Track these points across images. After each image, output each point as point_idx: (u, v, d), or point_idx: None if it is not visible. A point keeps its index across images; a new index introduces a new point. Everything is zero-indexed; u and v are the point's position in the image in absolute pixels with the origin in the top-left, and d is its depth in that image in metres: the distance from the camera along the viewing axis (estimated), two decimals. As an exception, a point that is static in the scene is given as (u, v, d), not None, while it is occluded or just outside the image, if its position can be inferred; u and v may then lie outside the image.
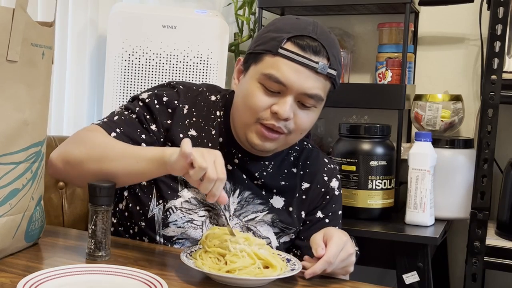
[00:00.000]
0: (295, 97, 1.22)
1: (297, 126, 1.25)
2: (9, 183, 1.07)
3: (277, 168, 1.37)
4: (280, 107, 1.21)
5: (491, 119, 1.71)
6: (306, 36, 1.22)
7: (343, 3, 2.10)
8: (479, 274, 1.74)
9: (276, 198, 1.36)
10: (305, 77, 1.21)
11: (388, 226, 1.84)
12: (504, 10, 1.69)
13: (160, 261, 1.17)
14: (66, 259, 1.12)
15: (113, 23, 2.24)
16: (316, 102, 1.25)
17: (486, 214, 1.74)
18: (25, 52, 1.06)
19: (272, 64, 1.22)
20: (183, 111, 1.33)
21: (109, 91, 2.25)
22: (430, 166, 1.83)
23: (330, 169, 1.44)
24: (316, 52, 1.21)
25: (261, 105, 1.23)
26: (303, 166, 1.41)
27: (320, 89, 1.24)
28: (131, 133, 1.29)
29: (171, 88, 1.36)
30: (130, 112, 1.32)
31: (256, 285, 1.06)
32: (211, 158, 1.07)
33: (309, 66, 1.21)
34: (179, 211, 1.29)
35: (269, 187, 1.35)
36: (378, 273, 2.22)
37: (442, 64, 2.23)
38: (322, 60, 1.22)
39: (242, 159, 1.34)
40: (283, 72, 1.20)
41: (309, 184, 1.39)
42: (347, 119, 2.20)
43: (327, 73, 1.23)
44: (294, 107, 1.23)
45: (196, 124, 1.34)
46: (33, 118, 1.10)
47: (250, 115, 1.25)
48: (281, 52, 1.21)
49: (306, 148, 1.44)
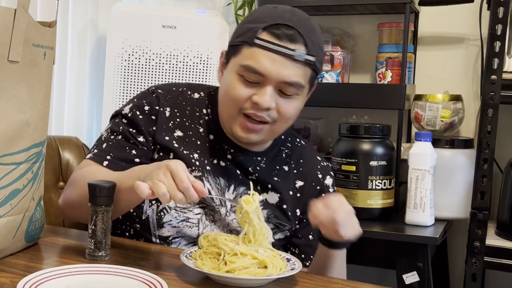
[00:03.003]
0: (274, 86, 1.23)
1: (280, 115, 1.26)
2: (10, 183, 1.07)
3: (270, 164, 1.37)
4: (260, 97, 1.22)
5: (491, 119, 1.71)
6: (281, 24, 1.22)
7: (343, 3, 2.10)
8: (479, 274, 1.74)
9: (271, 194, 1.36)
10: (282, 66, 1.21)
11: (388, 226, 1.84)
12: (504, 10, 1.69)
13: (160, 261, 1.17)
14: (66, 259, 1.12)
15: (113, 23, 2.24)
16: (297, 90, 1.25)
17: (486, 214, 1.74)
18: (26, 53, 1.06)
19: (249, 55, 1.23)
20: (165, 114, 1.34)
21: (109, 91, 2.25)
22: (430, 166, 1.83)
23: (323, 166, 1.44)
24: (292, 40, 1.21)
25: (241, 96, 1.24)
26: (296, 164, 1.40)
27: (299, 76, 1.23)
28: (121, 155, 1.30)
29: (151, 94, 1.36)
30: (116, 135, 1.33)
31: (256, 285, 1.06)
32: (167, 176, 1.06)
33: (286, 54, 1.21)
34: (173, 211, 1.29)
35: (263, 183, 1.35)
36: (378, 273, 2.22)
37: (442, 64, 2.23)
38: (299, 47, 1.22)
39: (235, 154, 1.34)
40: (260, 62, 1.21)
41: (303, 182, 1.39)
42: (347, 119, 2.21)
43: (305, 60, 1.22)
44: (275, 97, 1.23)
45: (181, 124, 1.34)
46: (34, 118, 1.11)
47: (233, 107, 1.26)
48: (257, 43, 1.22)
49: (298, 146, 1.44)
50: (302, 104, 1.31)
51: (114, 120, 1.37)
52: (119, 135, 1.33)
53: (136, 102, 1.36)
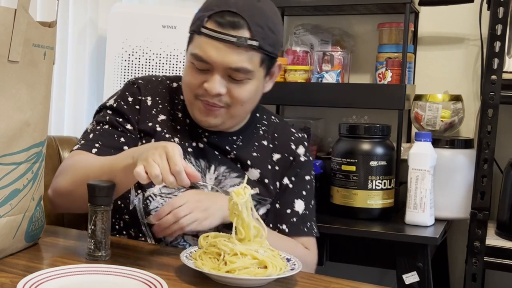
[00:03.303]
0: (222, 73, 1.27)
1: (233, 99, 1.30)
2: (10, 183, 1.07)
3: (247, 142, 1.42)
4: (209, 84, 1.27)
5: (491, 119, 1.71)
6: (225, 11, 1.25)
7: (343, 3, 2.10)
8: (479, 274, 1.74)
9: (252, 170, 1.40)
10: (226, 53, 1.25)
11: (388, 226, 1.84)
12: (504, 10, 1.69)
13: (160, 261, 1.17)
14: (66, 259, 1.12)
15: (113, 23, 2.24)
16: (246, 75, 1.28)
17: (486, 214, 1.73)
18: (26, 53, 1.06)
19: (197, 44, 1.28)
20: (147, 103, 1.40)
21: (109, 91, 2.25)
22: (430, 166, 1.83)
23: (297, 138, 1.48)
24: (234, 26, 1.24)
25: (194, 83, 1.30)
26: (272, 138, 1.46)
27: (244, 61, 1.26)
28: (110, 142, 1.33)
29: (132, 85, 1.42)
30: (102, 125, 1.37)
31: (256, 285, 1.06)
32: (163, 157, 1.07)
33: (228, 42, 1.24)
34: (159, 197, 1.31)
35: (242, 160, 1.40)
36: (378, 273, 2.22)
37: (442, 64, 2.23)
38: (242, 34, 1.25)
39: (210, 136, 1.39)
40: (205, 51, 1.26)
41: (280, 155, 1.44)
42: (347, 119, 2.20)
43: (248, 45, 1.25)
44: (225, 82, 1.28)
45: (164, 109, 1.40)
46: (34, 118, 1.11)
47: (189, 93, 1.32)
48: (203, 31, 1.27)
49: (274, 122, 1.49)
50: (259, 87, 1.34)
51: (99, 114, 1.41)
52: (106, 125, 1.37)
53: (120, 94, 1.41)
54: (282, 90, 2.09)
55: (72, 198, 1.25)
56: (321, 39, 2.21)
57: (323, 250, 1.88)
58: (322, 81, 2.10)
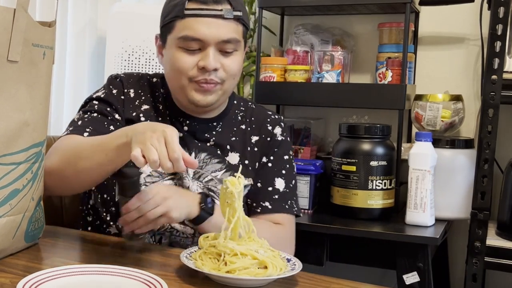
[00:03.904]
0: (215, 48, 1.33)
1: (227, 72, 1.36)
2: (10, 183, 1.07)
3: (226, 127, 1.48)
4: (205, 61, 1.33)
5: (492, 119, 1.71)
6: None
7: (343, 3, 2.10)
8: (479, 275, 1.74)
9: (232, 154, 1.46)
10: (217, 26, 1.32)
11: (388, 227, 1.84)
12: (505, 10, 1.69)
13: (160, 261, 1.17)
14: (66, 259, 1.12)
15: (113, 23, 2.24)
16: (235, 45, 1.36)
17: (486, 214, 1.73)
18: (26, 53, 1.06)
19: (184, 26, 1.33)
20: (130, 95, 1.45)
21: (109, 91, 2.25)
22: (431, 166, 1.83)
23: (274, 119, 1.54)
24: (217, 2, 1.32)
25: (187, 65, 1.34)
26: (250, 122, 1.52)
27: (233, 32, 1.35)
28: (101, 129, 1.35)
29: (114, 79, 1.48)
30: (91, 113, 1.40)
31: (256, 285, 1.06)
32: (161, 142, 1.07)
33: (216, 15, 1.32)
34: (144, 186, 1.32)
35: (221, 145, 1.46)
36: (378, 273, 2.22)
37: (442, 64, 2.23)
38: (225, 7, 1.33)
39: (191, 124, 1.44)
40: (195, 29, 1.32)
41: (257, 137, 1.50)
42: (347, 119, 2.20)
43: (233, 16, 1.34)
44: (218, 57, 1.34)
45: (146, 101, 1.46)
46: (33, 118, 1.10)
47: (182, 78, 1.36)
48: (187, 13, 1.32)
49: (250, 107, 1.55)
50: (242, 58, 1.42)
51: (85, 106, 1.44)
52: (95, 113, 1.40)
53: (105, 87, 1.47)
54: (282, 90, 2.09)
55: (61, 177, 1.25)
56: (321, 39, 2.21)
57: (323, 250, 1.88)
58: (322, 81, 2.09)
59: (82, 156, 1.21)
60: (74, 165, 1.22)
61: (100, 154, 1.18)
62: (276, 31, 2.37)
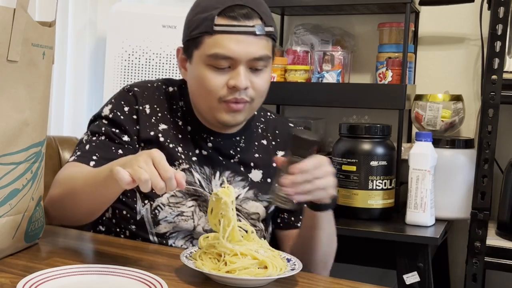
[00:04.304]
0: (245, 66, 1.26)
1: (256, 91, 1.29)
2: (9, 183, 1.06)
3: (249, 142, 1.41)
4: (236, 80, 1.25)
5: (492, 119, 1.71)
6: (233, 5, 1.25)
7: (343, 3, 2.10)
8: (479, 275, 1.74)
9: (255, 171, 1.39)
10: (248, 44, 1.25)
11: (389, 226, 1.84)
12: (505, 10, 1.69)
13: (160, 261, 1.17)
14: (66, 259, 1.12)
15: (113, 23, 2.24)
16: (265, 62, 1.29)
17: (486, 214, 1.73)
18: (25, 52, 1.06)
19: (213, 43, 1.25)
20: (145, 112, 1.35)
21: (109, 91, 2.25)
22: (431, 166, 1.83)
23: None
24: (248, 17, 1.25)
25: (217, 85, 1.26)
26: (273, 136, 1.45)
27: (265, 48, 1.28)
28: (107, 155, 1.28)
29: (127, 93, 1.37)
30: (98, 135, 1.33)
31: (256, 285, 1.06)
32: (149, 164, 1.02)
33: (248, 32, 1.24)
34: (167, 207, 1.30)
35: (246, 162, 1.39)
36: (378, 273, 2.22)
37: (442, 64, 2.23)
38: (256, 22, 1.25)
39: (215, 141, 1.37)
40: (227, 47, 1.24)
41: (283, 151, 1.43)
42: (347, 119, 2.20)
43: (265, 32, 1.27)
44: (248, 75, 1.27)
45: (163, 118, 1.36)
46: (33, 118, 1.10)
47: (212, 98, 1.28)
48: (217, 29, 1.24)
49: (271, 119, 1.48)
50: (270, 75, 1.35)
51: (94, 123, 1.37)
52: (102, 136, 1.33)
53: (115, 103, 1.36)
54: (282, 90, 2.09)
55: (62, 209, 1.24)
56: (321, 39, 2.21)
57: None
58: (323, 81, 2.09)
59: (76, 189, 1.19)
60: (71, 197, 1.20)
61: (91, 187, 1.15)
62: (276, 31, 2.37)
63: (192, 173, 1.33)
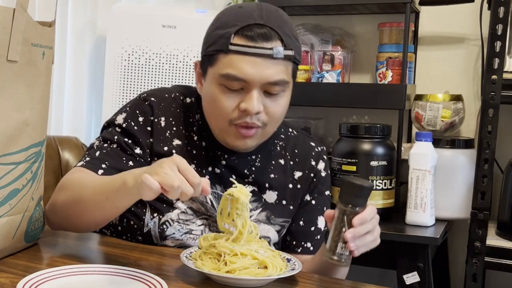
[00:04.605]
0: (259, 89, 1.18)
1: (270, 116, 1.22)
2: (9, 183, 1.06)
3: (265, 161, 1.34)
4: (248, 103, 1.18)
5: (492, 119, 1.71)
6: (252, 24, 1.17)
7: (343, 3, 2.10)
8: (479, 274, 1.74)
9: (269, 193, 1.33)
10: (264, 67, 1.17)
11: (389, 226, 1.84)
12: (505, 10, 1.69)
13: (160, 261, 1.17)
14: (66, 259, 1.12)
15: (113, 23, 2.24)
16: (282, 87, 1.21)
17: (486, 214, 1.73)
18: (25, 52, 1.06)
19: (227, 63, 1.18)
20: (160, 125, 1.29)
21: (109, 91, 2.25)
22: (431, 166, 1.83)
23: (317, 152, 1.41)
24: (267, 38, 1.16)
25: (228, 107, 1.20)
26: (292, 155, 1.38)
27: (282, 73, 1.19)
28: (117, 165, 1.24)
29: (143, 102, 1.30)
30: (110, 143, 1.27)
31: (256, 285, 1.06)
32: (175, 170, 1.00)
33: (265, 55, 1.16)
34: (176, 223, 1.26)
35: (260, 183, 1.32)
36: (378, 273, 2.22)
37: (442, 64, 2.23)
38: (275, 44, 1.17)
39: (229, 159, 1.31)
40: (240, 68, 1.16)
41: (301, 172, 1.37)
42: (347, 119, 2.20)
43: (284, 56, 1.18)
44: (261, 99, 1.19)
45: (178, 132, 1.30)
46: (33, 118, 1.10)
47: (222, 120, 1.22)
48: (232, 49, 1.17)
49: (292, 136, 1.41)
50: (289, 99, 1.26)
51: (107, 129, 1.31)
52: (114, 144, 1.27)
53: (129, 112, 1.30)
54: (282, 90, 2.09)
55: (65, 216, 1.19)
56: (321, 39, 2.21)
57: (323, 250, 1.88)
58: (323, 81, 2.09)
59: (84, 197, 1.14)
60: (76, 204, 1.16)
61: (101, 197, 1.11)
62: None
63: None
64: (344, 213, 1.04)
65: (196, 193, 1.01)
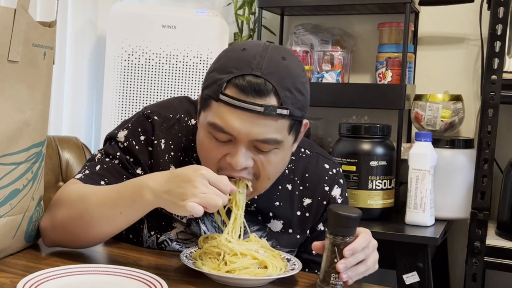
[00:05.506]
0: (247, 145, 1.08)
1: (262, 171, 1.12)
2: (10, 183, 1.07)
3: (269, 188, 1.20)
4: (233, 158, 1.08)
5: (491, 119, 1.71)
6: (247, 75, 1.05)
7: (343, 3, 2.10)
8: (479, 274, 1.74)
9: (274, 221, 1.26)
10: (251, 124, 1.06)
11: (388, 226, 1.84)
12: (504, 10, 1.69)
13: (160, 261, 1.17)
14: (66, 259, 1.12)
15: (113, 23, 2.24)
16: (274, 146, 1.09)
17: (486, 214, 1.73)
18: (26, 53, 1.06)
19: (216, 111, 1.08)
20: (160, 147, 1.22)
21: (109, 91, 2.25)
22: (430, 166, 1.83)
23: (331, 176, 1.29)
24: (260, 93, 1.05)
25: (214, 157, 1.11)
26: (302, 180, 1.27)
27: (273, 132, 1.07)
28: (117, 182, 1.17)
29: (146, 119, 1.24)
30: (112, 158, 1.22)
31: (256, 285, 1.06)
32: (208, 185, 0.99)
33: (254, 111, 1.05)
34: (175, 243, 1.24)
35: (263, 212, 1.25)
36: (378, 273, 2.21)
37: (442, 64, 2.23)
38: (269, 101, 1.05)
39: None
40: (226, 121, 1.07)
41: (311, 199, 1.27)
42: (347, 119, 2.20)
43: (277, 114, 1.06)
44: (251, 154, 1.09)
45: (175, 158, 1.23)
46: (34, 118, 1.10)
47: (210, 166, 1.10)
48: (222, 99, 1.06)
49: (304, 157, 1.29)
50: (286, 156, 1.15)
51: (110, 142, 1.26)
52: (116, 160, 1.22)
53: (131, 130, 1.24)
54: (282, 90, 2.09)
55: (68, 232, 1.14)
56: (321, 39, 2.21)
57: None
58: (322, 81, 2.10)
59: (90, 210, 1.10)
60: (81, 220, 1.11)
61: (110, 209, 1.08)
62: (276, 31, 2.37)
63: (198, 224, 1.23)
64: (334, 244, 1.02)
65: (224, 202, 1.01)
